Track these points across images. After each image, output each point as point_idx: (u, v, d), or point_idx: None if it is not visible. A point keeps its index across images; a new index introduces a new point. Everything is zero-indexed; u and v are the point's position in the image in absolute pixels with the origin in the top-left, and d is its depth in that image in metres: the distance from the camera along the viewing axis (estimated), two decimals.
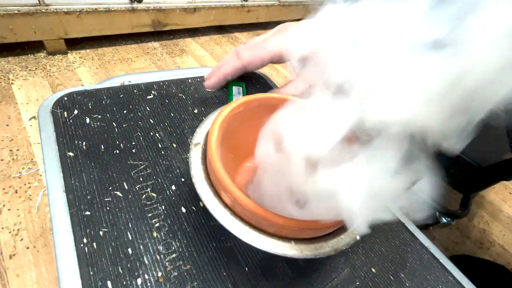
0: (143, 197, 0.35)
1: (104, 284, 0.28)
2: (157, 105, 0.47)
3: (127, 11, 1.23)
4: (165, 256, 0.31)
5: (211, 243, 0.33)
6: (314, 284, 0.34)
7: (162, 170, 0.38)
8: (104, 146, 0.39)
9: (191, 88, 0.52)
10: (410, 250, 0.41)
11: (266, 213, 0.25)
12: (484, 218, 1.05)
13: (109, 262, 0.29)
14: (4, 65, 1.06)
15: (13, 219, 0.66)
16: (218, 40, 1.61)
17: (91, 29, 1.18)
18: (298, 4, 1.90)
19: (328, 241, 0.28)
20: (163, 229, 0.33)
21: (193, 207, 0.36)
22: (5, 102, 0.92)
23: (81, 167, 0.36)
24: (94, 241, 0.30)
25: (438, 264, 0.40)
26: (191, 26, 1.49)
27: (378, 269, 0.37)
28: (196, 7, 1.44)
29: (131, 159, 0.38)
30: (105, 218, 0.32)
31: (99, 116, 0.42)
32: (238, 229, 0.27)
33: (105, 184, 0.35)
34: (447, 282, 0.39)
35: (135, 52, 1.32)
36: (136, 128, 0.42)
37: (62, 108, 0.42)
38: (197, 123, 0.46)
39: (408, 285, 0.37)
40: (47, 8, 1.04)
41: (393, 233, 0.42)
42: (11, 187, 0.72)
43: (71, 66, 1.14)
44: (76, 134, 0.39)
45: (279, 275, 0.33)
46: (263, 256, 0.34)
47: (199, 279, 0.30)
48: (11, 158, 0.77)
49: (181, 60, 1.36)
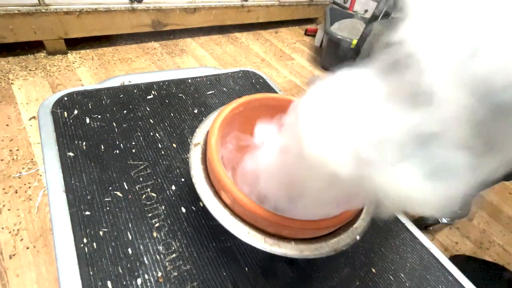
0: (143, 197, 0.35)
1: (104, 284, 0.28)
2: (157, 105, 0.47)
3: (127, 11, 1.23)
4: (165, 256, 0.31)
5: (211, 243, 0.33)
6: (314, 284, 0.34)
7: (162, 170, 0.38)
8: (104, 146, 0.39)
9: (191, 88, 0.52)
10: (410, 250, 0.41)
11: (266, 213, 0.25)
12: (484, 218, 1.06)
13: (109, 262, 0.29)
14: (4, 65, 1.06)
15: (13, 219, 0.66)
16: (218, 40, 1.61)
17: (91, 29, 1.18)
18: (298, 4, 1.90)
19: (328, 241, 0.28)
20: (163, 229, 0.33)
21: (193, 207, 0.36)
22: (5, 102, 0.92)
23: (81, 167, 0.36)
24: (94, 241, 0.30)
25: (438, 264, 0.40)
26: (191, 26, 1.49)
27: (378, 269, 0.37)
28: (196, 7, 1.44)
29: (131, 159, 0.38)
30: (105, 218, 0.32)
31: (99, 116, 0.42)
32: (238, 229, 0.27)
33: (105, 184, 0.35)
34: (447, 282, 0.39)
35: (135, 52, 1.32)
36: (136, 128, 0.42)
37: (62, 108, 0.42)
38: (197, 123, 0.46)
39: (408, 285, 0.37)
40: (47, 8, 1.04)
41: (393, 233, 0.42)
42: (11, 187, 0.72)
43: (71, 66, 1.14)
44: (76, 134, 0.39)
45: (279, 275, 0.33)
46: (263, 256, 0.34)
47: (199, 279, 0.30)
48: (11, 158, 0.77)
49: (181, 60, 1.36)
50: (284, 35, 1.89)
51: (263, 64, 1.52)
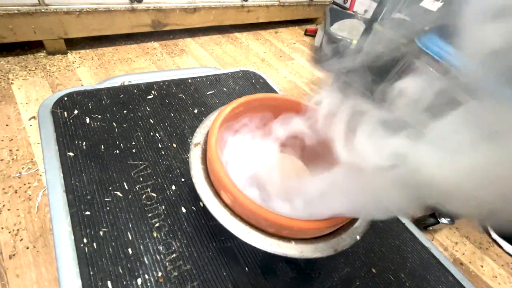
0: (143, 197, 0.35)
1: (104, 284, 0.28)
2: (157, 105, 0.47)
3: (127, 11, 1.23)
4: (165, 256, 0.31)
5: (211, 243, 0.33)
6: (314, 284, 0.34)
7: (162, 170, 0.38)
8: (104, 146, 0.39)
9: (191, 88, 0.52)
10: (410, 250, 0.41)
11: (266, 213, 0.25)
12: None
13: (109, 262, 0.29)
14: (4, 65, 1.06)
15: (13, 219, 0.66)
16: (218, 40, 1.61)
17: (91, 29, 1.18)
18: (298, 4, 1.90)
19: (328, 241, 0.28)
20: (163, 229, 0.33)
21: (193, 207, 0.36)
22: (5, 102, 0.92)
23: (81, 167, 0.36)
24: (94, 241, 0.30)
25: (438, 264, 0.40)
26: (191, 26, 1.49)
27: (378, 269, 0.37)
28: (196, 7, 1.44)
29: (131, 159, 0.38)
30: (105, 218, 0.32)
31: (99, 116, 0.42)
32: (238, 229, 0.27)
33: (105, 184, 0.35)
34: (447, 282, 0.39)
35: (135, 52, 1.32)
36: (136, 128, 0.42)
37: (62, 108, 0.42)
38: (197, 123, 0.46)
39: (408, 285, 0.37)
40: (47, 8, 1.04)
41: (393, 233, 0.42)
42: (10, 187, 0.72)
43: (71, 66, 1.14)
44: (76, 134, 0.39)
45: (279, 275, 0.33)
46: (263, 256, 0.34)
47: (199, 279, 0.30)
48: (11, 158, 0.77)
49: (181, 60, 1.36)
50: (284, 35, 1.89)
51: (263, 64, 1.52)
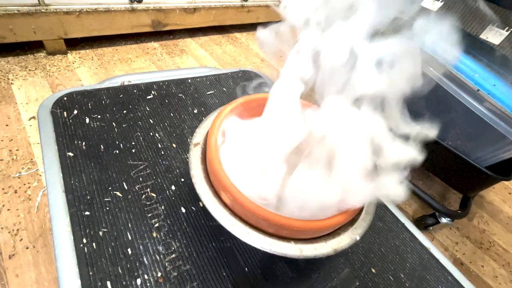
0: (142, 197, 0.35)
1: (104, 284, 0.28)
2: (157, 105, 0.47)
3: (127, 11, 1.22)
4: (165, 256, 0.31)
5: (210, 243, 0.33)
6: (314, 284, 0.34)
7: (162, 170, 0.38)
8: (104, 146, 0.39)
9: (191, 88, 0.52)
10: (410, 250, 0.41)
11: (266, 213, 0.25)
12: (484, 218, 1.06)
13: (108, 262, 0.29)
14: (3, 65, 1.06)
15: (13, 219, 0.66)
16: (218, 40, 1.61)
17: (91, 29, 1.18)
18: None
19: (328, 241, 0.28)
20: (163, 229, 0.33)
21: (193, 207, 0.36)
22: (5, 102, 0.92)
23: (80, 167, 0.36)
24: (94, 241, 0.30)
25: (438, 264, 0.40)
26: (191, 26, 1.49)
27: (378, 269, 0.37)
28: (196, 7, 1.44)
29: (130, 159, 0.38)
30: (105, 218, 0.32)
31: (98, 116, 0.42)
32: (238, 229, 0.27)
33: (105, 184, 0.35)
34: (447, 282, 0.39)
35: (135, 52, 1.32)
36: (136, 128, 0.42)
37: (62, 108, 0.42)
38: (197, 123, 0.46)
39: (408, 285, 0.37)
40: (47, 8, 1.04)
41: (393, 233, 0.42)
42: (10, 187, 0.72)
43: (70, 66, 1.14)
44: (75, 134, 0.39)
45: (279, 275, 0.33)
46: (263, 256, 0.34)
47: (199, 279, 0.30)
48: (11, 158, 0.77)
49: (181, 60, 1.36)
50: None
51: (263, 64, 1.52)
